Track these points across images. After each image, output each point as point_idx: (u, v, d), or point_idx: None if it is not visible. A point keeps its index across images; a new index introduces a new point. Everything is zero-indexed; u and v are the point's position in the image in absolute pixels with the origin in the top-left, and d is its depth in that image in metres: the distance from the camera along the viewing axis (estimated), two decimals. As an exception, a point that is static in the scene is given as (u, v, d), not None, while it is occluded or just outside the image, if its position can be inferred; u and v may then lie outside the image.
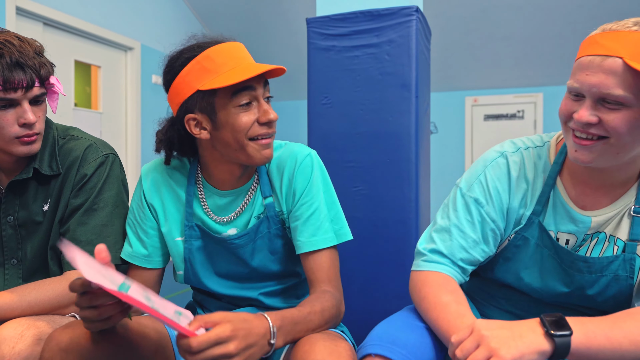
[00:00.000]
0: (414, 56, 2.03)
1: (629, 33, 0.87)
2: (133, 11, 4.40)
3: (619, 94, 0.87)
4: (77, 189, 1.22)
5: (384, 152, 2.07)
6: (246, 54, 1.08)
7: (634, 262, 1.01)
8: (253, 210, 1.17)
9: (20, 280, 1.25)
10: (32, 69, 1.10)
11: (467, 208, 1.07)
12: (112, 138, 4.22)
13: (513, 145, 1.11)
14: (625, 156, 0.94)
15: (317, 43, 2.17)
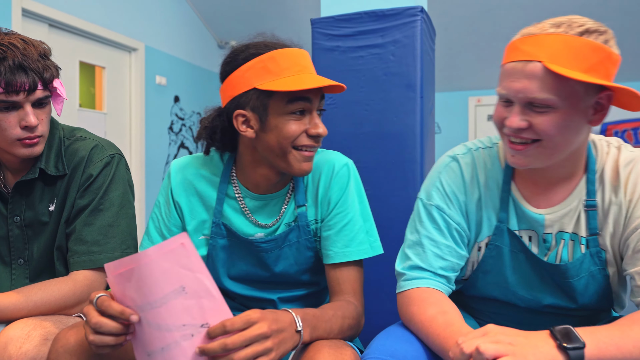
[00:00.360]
0: (418, 56, 2.03)
1: (547, 36, 0.89)
2: (137, 12, 4.41)
3: (543, 97, 0.88)
4: (83, 189, 1.22)
5: (388, 153, 2.07)
6: (309, 63, 1.08)
7: (601, 254, 1.01)
8: (284, 217, 1.16)
9: (27, 280, 1.26)
10: (35, 72, 1.09)
11: (431, 217, 1.07)
12: (116, 138, 4.22)
13: (464, 147, 1.13)
14: (561, 155, 0.95)
15: (321, 43, 2.17)
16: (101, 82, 4.18)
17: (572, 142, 0.94)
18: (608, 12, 4.49)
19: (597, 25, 0.90)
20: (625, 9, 4.45)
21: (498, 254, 1.08)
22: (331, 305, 1.03)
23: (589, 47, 0.87)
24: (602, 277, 1.03)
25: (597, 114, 0.93)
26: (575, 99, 0.89)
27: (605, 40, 0.89)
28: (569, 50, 0.87)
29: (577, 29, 0.89)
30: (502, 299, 1.12)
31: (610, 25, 3.46)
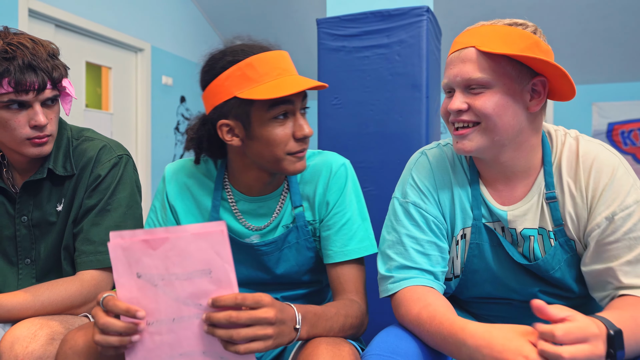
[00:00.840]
0: (424, 56, 2.03)
1: (479, 27, 0.99)
2: (143, 13, 4.42)
3: (478, 76, 0.95)
4: (91, 189, 1.23)
5: (394, 153, 2.07)
6: (289, 65, 1.06)
7: (570, 243, 1.02)
8: (281, 218, 1.16)
9: (33, 280, 1.26)
10: (44, 71, 1.10)
11: (408, 214, 1.08)
12: (122, 139, 4.24)
13: (434, 143, 1.16)
14: (503, 140, 0.98)
15: (327, 44, 2.17)
16: (107, 83, 4.20)
17: (510, 125, 0.97)
18: (612, 12, 4.46)
19: (525, 21, 0.99)
20: (629, 8, 4.42)
21: (480, 252, 1.08)
22: (334, 304, 1.04)
23: (516, 33, 0.95)
24: (575, 262, 1.04)
25: (533, 99, 0.98)
26: (508, 80, 0.95)
27: (532, 32, 0.97)
28: (498, 36, 0.95)
29: (507, 21, 0.98)
30: (496, 295, 1.12)
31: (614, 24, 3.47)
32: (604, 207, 0.95)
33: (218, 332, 0.80)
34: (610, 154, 0.99)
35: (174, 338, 0.83)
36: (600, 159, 0.98)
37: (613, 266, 0.94)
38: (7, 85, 1.06)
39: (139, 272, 0.81)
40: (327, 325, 0.97)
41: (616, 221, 0.94)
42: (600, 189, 0.96)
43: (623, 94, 5.16)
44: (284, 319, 0.85)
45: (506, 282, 1.09)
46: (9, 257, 1.27)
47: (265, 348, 0.82)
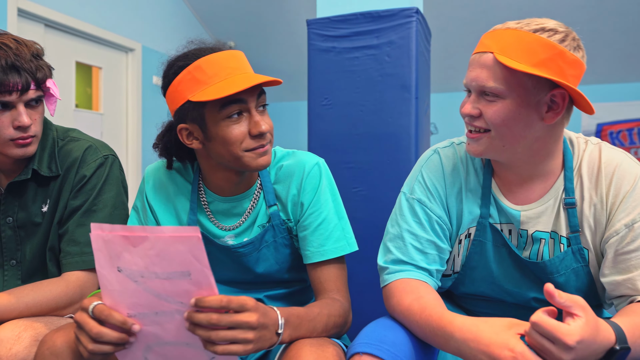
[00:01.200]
0: (414, 57, 2.04)
1: (503, 31, 0.95)
2: (134, 13, 4.41)
3: (492, 85, 0.93)
4: (76, 190, 1.22)
5: (383, 153, 2.07)
6: (240, 64, 1.05)
7: (582, 251, 1.02)
8: (256, 218, 1.16)
9: (19, 282, 1.26)
10: (27, 72, 1.09)
11: (413, 211, 1.08)
12: (112, 139, 4.22)
13: (448, 142, 1.16)
14: (515, 148, 0.98)
15: (317, 44, 2.17)
16: (97, 83, 4.18)
17: (521, 136, 0.96)
18: (600, 13, 4.50)
19: (556, 26, 0.94)
20: (620, 10, 4.47)
21: (482, 250, 1.09)
22: (317, 304, 1.04)
23: (539, 43, 0.91)
24: (584, 274, 1.03)
25: (550, 111, 0.95)
26: (523, 91, 0.93)
27: (560, 40, 0.92)
28: (520, 44, 0.92)
29: (533, 26, 0.93)
30: (490, 295, 1.12)
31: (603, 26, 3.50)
32: (624, 215, 0.95)
33: (198, 331, 0.80)
34: (633, 162, 0.99)
35: (158, 329, 0.83)
36: (622, 167, 0.98)
37: (633, 276, 0.93)
38: None
39: (120, 267, 0.80)
40: (311, 326, 0.97)
41: (636, 229, 0.94)
42: (621, 196, 0.96)
43: (612, 95, 5.20)
44: (267, 323, 0.85)
45: (502, 283, 1.10)
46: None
47: (245, 352, 0.81)
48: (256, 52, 5.53)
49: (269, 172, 1.17)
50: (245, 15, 5.22)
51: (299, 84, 4.77)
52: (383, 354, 0.86)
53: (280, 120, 5.82)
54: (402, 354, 0.89)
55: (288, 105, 6.15)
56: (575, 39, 0.94)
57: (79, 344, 0.85)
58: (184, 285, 0.79)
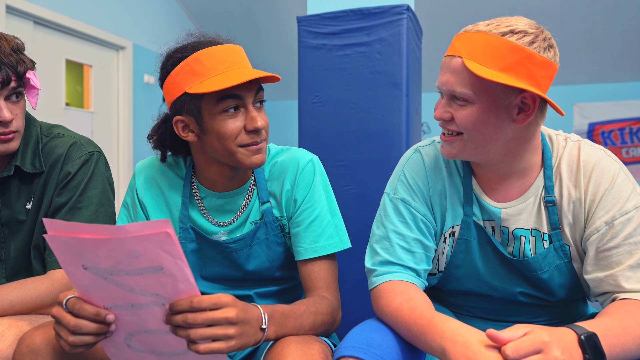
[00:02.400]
0: (404, 55, 2.03)
1: (472, 34, 0.94)
2: (125, 10, 4.38)
3: (461, 91, 0.93)
4: (61, 187, 1.20)
5: (374, 151, 2.07)
6: (239, 58, 1.04)
7: (564, 247, 1.02)
8: (248, 214, 1.15)
9: (3, 280, 1.25)
10: (7, 66, 1.08)
11: (397, 210, 1.08)
12: (103, 138, 4.19)
13: (428, 140, 1.16)
14: (488, 150, 0.98)
15: (307, 41, 2.16)
16: (88, 81, 4.15)
17: (493, 138, 0.96)
18: (592, 13, 4.52)
19: (527, 27, 0.92)
20: (612, 10, 4.49)
21: (467, 248, 1.09)
22: (304, 301, 1.03)
23: (507, 46, 0.90)
24: (567, 270, 1.03)
25: (521, 113, 0.94)
26: (492, 96, 0.92)
27: (530, 42, 0.90)
28: (488, 48, 0.90)
29: (502, 29, 0.92)
30: (477, 291, 1.12)
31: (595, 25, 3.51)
32: (604, 212, 0.95)
33: (178, 332, 0.79)
34: (612, 160, 0.99)
35: (136, 319, 0.82)
36: (601, 164, 0.98)
37: (614, 272, 0.93)
38: None
39: (85, 265, 0.77)
40: (297, 323, 0.96)
41: (615, 226, 0.94)
42: (600, 193, 0.96)
43: (604, 95, 5.23)
44: (247, 318, 0.84)
45: (488, 280, 1.09)
46: None
47: (228, 348, 0.80)
48: (248, 51, 5.49)
49: (263, 169, 1.16)
50: (237, 13, 5.20)
51: (291, 83, 4.76)
52: (369, 357, 0.85)
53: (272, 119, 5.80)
54: (389, 358, 0.88)
55: (280, 104, 6.13)
56: (547, 39, 0.93)
57: (59, 339, 0.83)
58: (157, 278, 0.77)
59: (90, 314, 0.80)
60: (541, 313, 1.11)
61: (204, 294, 1.17)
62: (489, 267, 1.09)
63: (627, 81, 5.15)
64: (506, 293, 1.09)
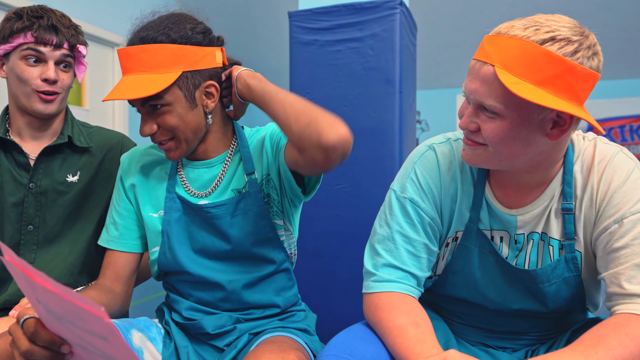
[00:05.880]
0: (397, 51, 1.99)
1: (508, 39, 0.83)
2: (118, 6, 4.34)
3: (490, 103, 0.85)
4: None
5: (367, 149, 2.03)
6: (131, 63, 1.07)
7: (576, 260, 0.96)
8: (230, 182, 1.15)
9: (34, 246, 1.30)
10: (64, 35, 1.24)
11: (404, 211, 1.01)
12: (98, 135, 4.17)
13: (443, 137, 1.07)
14: (514, 164, 0.91)
15: (299, 37, 2.12)
16: (84, 79, 4.11)
17: (521, 154, 0.89)
18: (591, 10, 4.47)
19: (570, 33, 0.82)
20: (612, 7, 4.44)
21: (467, 255, 1.03)
22: None
23: (547, 58, 0.80)
24: (575, 283, 0.98)
25: (556, 128, 0.86)
26: (525, 111, 0.84)
27: (573, 52, 0.81)
28: (525, 59, 0.81)
29: (542, 35, 0.81)
30: (471, 300, 1.07)
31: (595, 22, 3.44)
32: (614, 210, 0.89)
33: None
34: (627, 157, 0.93)
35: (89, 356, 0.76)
36: (614, 161, 0.92)
37: (617, 270, 0.88)
38: (30, 36, 1.20)
39: (39, 299, 0.72)
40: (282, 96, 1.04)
41: (625, 225, 0.88)
42: (611, 190, 0.90)
43: (604, 92, 5.19)
44: None
45: (485, 291, 1.04)
46: (12, 223, 1.28)
47: None
48: (242, 47, 5.47)
49: (248, 144, 1.18)
50: (231, 8, 5.17)
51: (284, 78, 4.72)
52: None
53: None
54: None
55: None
56: (591, 46, 0.83)
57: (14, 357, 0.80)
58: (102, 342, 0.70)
59: (45, 341, 0.76)
60: (535, 324, 1.07)
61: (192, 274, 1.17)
62: (488, 278, 1.03)
63: (627, 78, 5.11)
64: (501, 307, 1.04)
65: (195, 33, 1.10)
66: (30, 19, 1.21)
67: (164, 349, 1.17)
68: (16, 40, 1.21)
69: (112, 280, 1.20)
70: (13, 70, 1.23)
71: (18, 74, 1.22)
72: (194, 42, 1.09)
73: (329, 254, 2.08)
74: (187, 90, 1.05)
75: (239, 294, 1.18)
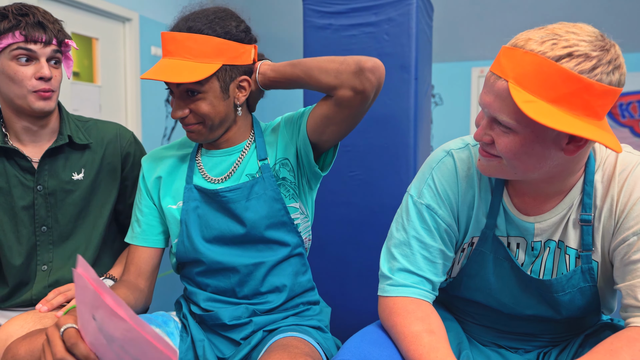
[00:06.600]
0: (414, 36, 1.95)
1: (523, 53, 0.80)
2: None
3: (503, 119, 0.83)
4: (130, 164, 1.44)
5: (381, 137, 2.01)
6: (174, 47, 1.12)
7: (592, 271, 0.96)
8: (245, 168, 1.20)
9: (50, 246, 1.34)
10: (51, 30, 1.24)
11: (421, 216, 1.01)
12: (111, 111, 4.17)
13: (461, 142, 1.05)
14: (527, 176, 0.90)
15: (313, 21, 2.08)
16: (95, 54, 4.10)
17: (536, 168, 0.88)
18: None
19: (590, 48, 0.78)
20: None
21: (482, 260, 1.03)
22: None
23: (562, 75, 0.77)
24: (591, 293, 0.99)
25: (572, 143, 0.84)
26: (538, 128, 0.82)
27: (591, 68, 0.78)
28: (539, 76, 0.78)
29: (558, 51, 0.78)
30: (484, 303, 1.09)
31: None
32: (634, 222, 0.88)
33: None
34: None
35: None
36: (636, 172, 0.91)
37: (633, 283, 0.88)
38: (19, 35, 1.19)
39: (95, 316, 0.73)
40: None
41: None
42: (631, 203, 0.89)
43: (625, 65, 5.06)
44: None
45: (499, 296, 1.05)
46: (26, 226, 1.32)
47: None
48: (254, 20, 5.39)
49: (262, 132, 1.25)
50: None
51: (296, 54, 4.67)
52: None
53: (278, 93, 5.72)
54: None
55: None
56: (612, 61, 0.79)
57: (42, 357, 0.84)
58: None
59: (81, 354, 0.80)
60: (548, 328, 1.08)
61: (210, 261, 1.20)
62: (503, 284, 1.04)
63: (648, 51, 4.97)
64: (514, 312, 1.06)
65: (239, 31, 1.15)
66: (16, 17, 1.19)
67: (180, 342, 1.21)
68: (4, 40, 1.19)
69: (135, 276, 1.24)
70: (4, 72, 1.21)
71: (11, 75, 1.21)
72: (236, 39, 1.14)
73: (343, 241, 2.10)
74: (223, 82, 1.13)
75: (254, 278, 1.21)
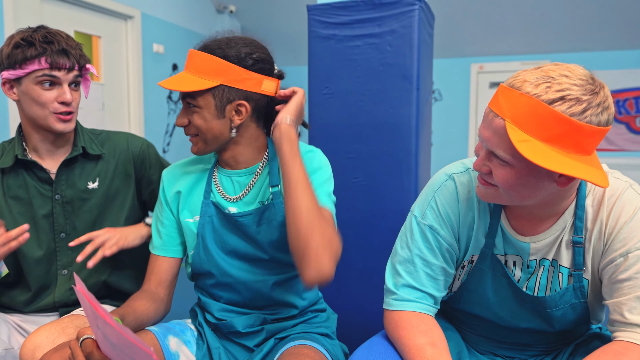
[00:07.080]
0: (415, 47, 2.01)
1: (520, 95, 0.87)
2: (132, -22, 4.30)
3: (500, 154, 0.90)
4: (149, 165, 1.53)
5: (384, 144, 2.08)
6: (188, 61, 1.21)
7: (583, 288, 1.05)
8: (257, 194, 1.25)
9: (69, 252, 1.42)
10: (74, 56, 1.32)
11: (424, 236, 1.09)
12: (114, 109, 4.21)
13: (461, 165, 1.13)
14: (522, 203, 0.98)
15: (317, 31, 2.14)
16: (97, 52, 4.13)
17: (530, 197, 0.95)
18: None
19: (580, 92, 0.85)
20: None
21: (481, 276, 1.11)
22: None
23: (554, 118, 0.84)
24: (582, 308, 1.07)
25: (564, 176, 0.91)
26: (533, 163, 0.88)
27: (582, 111, 0.85)
28: (534, 117, 0.85)
29: (552, 95, 0.85)
30: (482, 316, 1.16)
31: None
32: (621, 245, 0.97)
33: None
34: (635, 194, 0.99)
35: None
36: (624, 197, 0.98)
37: (620, 300, 0.96)
38: (44, 62, 1.27)
39: (99, 326, 0.83)
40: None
41: (630, 259, 0.95)
42: (619, 226, 0.97)
43: (619, 62, 5.11)
44: None
45: (497, 310, 1.13)
46: (46, 233, 1.40)
47: None
48: (257, 16, 5.41)
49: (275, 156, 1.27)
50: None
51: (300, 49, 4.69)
52: None
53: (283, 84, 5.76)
54: None
55: (289, 70, 6.06)
56: (601, 104, 0.86)
57: None
58: None
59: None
60: (541, 339, 1.16)
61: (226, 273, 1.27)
62: (500, 299, 1.11)
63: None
64: (511, 325, 1.14)
65: (248, 57, 1.19)
66: (42, 45, 1.27)
67: (197, 350, 1.28)
68: (30, 66, 1.27)
69: (156, 285, 1.31)
70: (28, 94, 1.30)
71: (34, 97, 1.30)
72: (242, 64, 1.18)
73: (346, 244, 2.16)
74: (219, 100, 1.18)
75: (266, 293, 1.27)
